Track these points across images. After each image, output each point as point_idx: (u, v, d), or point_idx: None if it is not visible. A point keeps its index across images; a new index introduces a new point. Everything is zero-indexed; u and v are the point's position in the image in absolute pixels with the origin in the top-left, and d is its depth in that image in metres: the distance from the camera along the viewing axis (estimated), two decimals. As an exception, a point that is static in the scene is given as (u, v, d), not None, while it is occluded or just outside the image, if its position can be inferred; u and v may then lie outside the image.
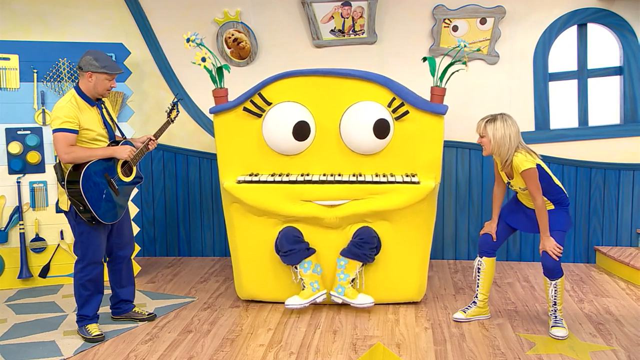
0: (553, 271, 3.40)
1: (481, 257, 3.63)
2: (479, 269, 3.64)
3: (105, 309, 3.78)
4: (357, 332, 3.53)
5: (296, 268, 3.82)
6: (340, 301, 3.82)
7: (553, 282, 3.42)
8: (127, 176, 3.55)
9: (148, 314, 3.78)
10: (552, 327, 3.44)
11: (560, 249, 3.36)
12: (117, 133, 3.62)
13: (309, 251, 3.81)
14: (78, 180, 3.24)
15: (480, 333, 3.49)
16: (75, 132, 3.29)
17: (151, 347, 3.37)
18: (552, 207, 3.46)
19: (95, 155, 3.33)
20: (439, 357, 3.18)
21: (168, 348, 3.36)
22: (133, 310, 3.78)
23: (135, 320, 3.74)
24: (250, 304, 4.05)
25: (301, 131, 3.78)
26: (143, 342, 3.45)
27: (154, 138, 3.62)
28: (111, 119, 3.56)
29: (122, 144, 3.48)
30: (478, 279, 3.65)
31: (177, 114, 3.80)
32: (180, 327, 3.65)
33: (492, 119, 3.40)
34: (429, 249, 3.95)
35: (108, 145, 3.46)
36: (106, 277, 3.73)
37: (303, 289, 3.82)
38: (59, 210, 3.47)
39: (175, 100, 3.82)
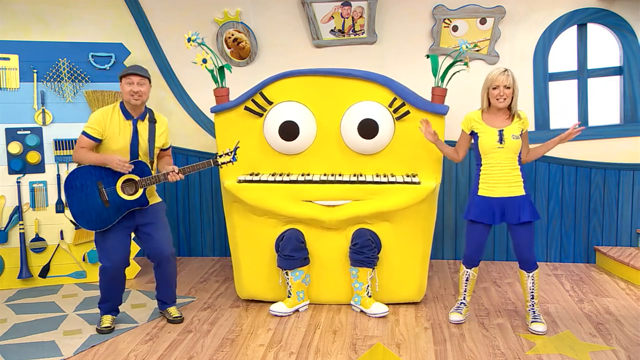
0: (530, 262, 3.49)
1: (469, 269, 3.63)
2: (467, 278, 3.65)
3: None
4: (357, 332, 3.52)
5: (287, 274, 3.83)
6: (358, 310, 3.84)
7: (530, 274, 3.51)
8: (128, 193, 3.47)
9: (174, 317, 3.72)
10: (532, 322, 3.50)
11: None
12: (146, 150, 3.52)
13: (305, 261, 3.82)
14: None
15: (480, 333, 3.49)
16: (93, 138, 3.38)
17: (151, 347, 3.36)
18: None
19: (90, 160, 3.40)
20: (439, 357, 3.18)
21: (168, 348, 3.35)
22: (166, 309, 3.77)
23: (165, 318, 3.77)
24: (250, 304, 4.05)
25: (288, 131, 3.78)
26: (143, 342, 3.45)
27: (177, 170, 3.45)
28: (150, 139, 3.50)
29: (131, 162, 3.42)
30: (466, 287, 3.66)
31: (224, 163, 3.51)
32: (180, 327, 3.65)
33: (507, 70, 3.41)
34: (429, 249, 3.95)
35: (130, 163, 3.41)
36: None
37: (289, 297, 3.83)
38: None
39: (236, 147, 3.53)
